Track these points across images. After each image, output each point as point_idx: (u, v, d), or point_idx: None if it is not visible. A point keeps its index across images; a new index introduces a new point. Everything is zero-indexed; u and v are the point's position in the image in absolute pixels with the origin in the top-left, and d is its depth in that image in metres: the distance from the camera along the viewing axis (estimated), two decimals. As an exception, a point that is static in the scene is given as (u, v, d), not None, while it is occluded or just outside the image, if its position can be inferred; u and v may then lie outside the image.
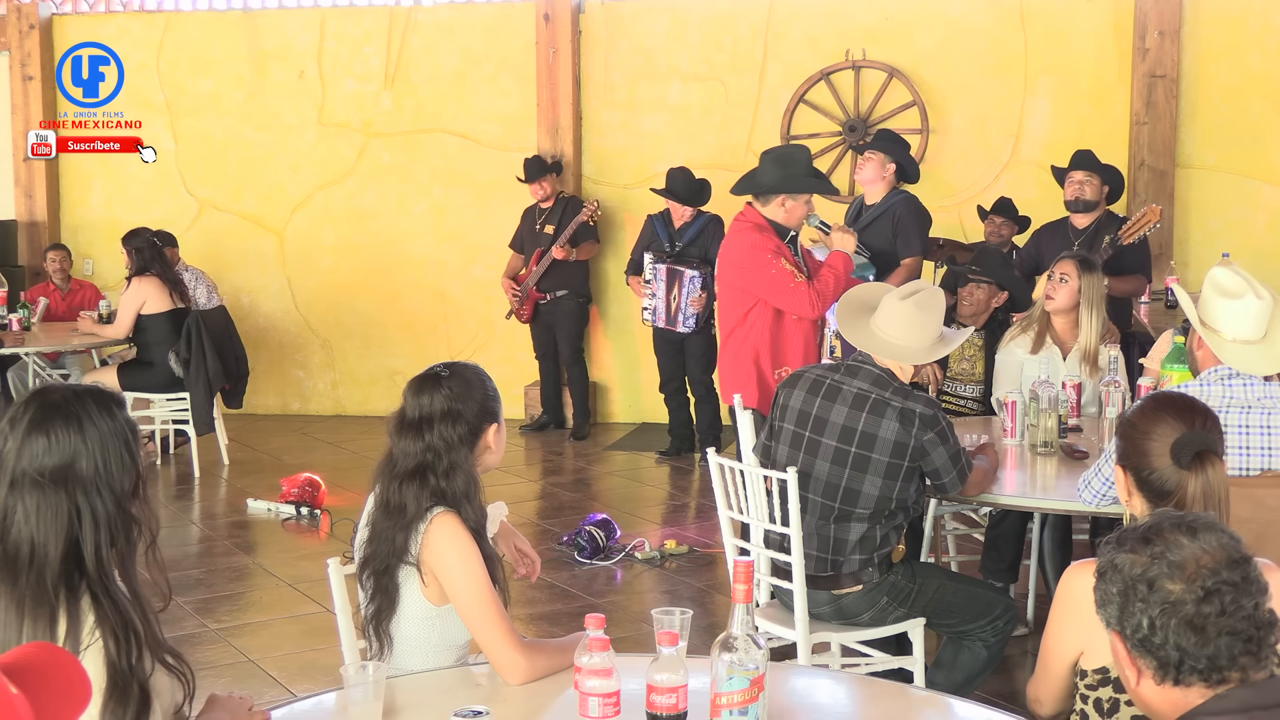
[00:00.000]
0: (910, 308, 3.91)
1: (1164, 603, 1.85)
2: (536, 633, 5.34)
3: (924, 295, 3.95)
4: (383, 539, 2.85)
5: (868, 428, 3.84)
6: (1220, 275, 3.78)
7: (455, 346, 9.58)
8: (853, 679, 3.14)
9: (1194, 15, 8.36)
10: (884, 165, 6.40)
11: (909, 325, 3.91)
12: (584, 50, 9.36)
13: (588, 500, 7.48)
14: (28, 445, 2.19)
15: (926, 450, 3.83)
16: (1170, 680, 1.85)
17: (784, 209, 5.25)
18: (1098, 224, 6.53)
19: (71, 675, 1.56)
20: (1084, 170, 6.58)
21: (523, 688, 2.71)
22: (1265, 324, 3.70)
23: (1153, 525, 1.92)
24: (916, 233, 6.41)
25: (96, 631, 2.14)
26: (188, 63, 9.98)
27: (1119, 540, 1.94)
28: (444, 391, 2.89)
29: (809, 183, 5.34)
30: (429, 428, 2.87)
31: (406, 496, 2.84)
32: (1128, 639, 1.89)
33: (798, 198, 5.25)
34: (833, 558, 3.92)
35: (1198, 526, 1.90)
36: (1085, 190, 6.55)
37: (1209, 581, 1.84)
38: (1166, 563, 1.86)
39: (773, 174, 5.30)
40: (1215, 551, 1.86)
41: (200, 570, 6.25)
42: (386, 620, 2.86)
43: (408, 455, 2.88)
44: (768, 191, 5.27)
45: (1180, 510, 2.53)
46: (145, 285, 7.80)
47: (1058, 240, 6.59)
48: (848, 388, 3.91)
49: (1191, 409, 2.65)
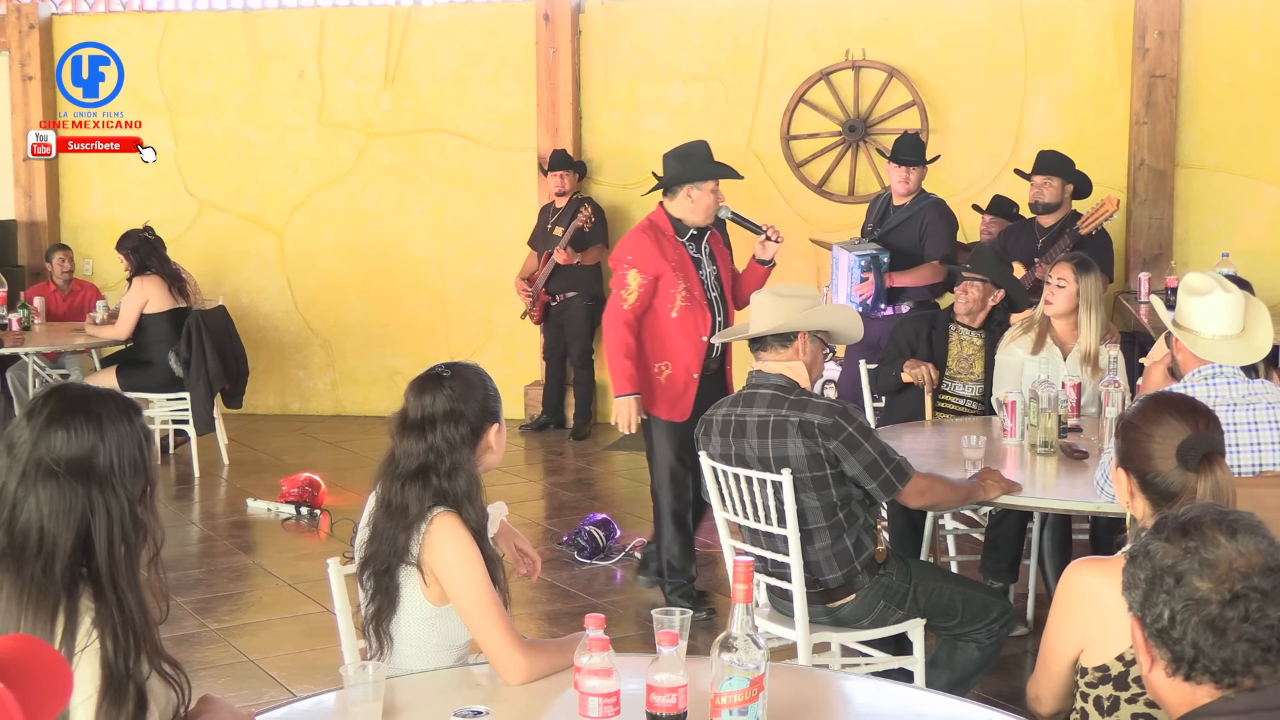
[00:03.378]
0: (767, 295, 3.98)
1: (1188, 599, 1.83)
2: (537, 633, 5.34)
3: (783, 286, 4.12)
4: (384, 539, 2.85)
5: (777, 451, 3.84)
6: (1191, 278, 3.85)
7: (455, 346, 9.57)
8: (853, 679, 3.14)
9: (1194, 15, 8.36)
10: (1063, 187, 6.83)
11: (768, 309, 3.94)
12: (584, 50, 9.36)
13: (588, 500, 7.48)
14: (45, 437, 2.19)
15: (839, 458, 3.80)
16: (1182, 675, 1.84)
17: (690, 200, 5.34)
18: (1062, 223, 6.75)
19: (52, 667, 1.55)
20: (1043, 174, 6.77)
21: (523, 688, 2.71)
22: (1241, 318, 3.74)
23: (1194, 518, 1.89)
24: (944, 236, 6.59)
25: (94, 632, 2.13)
26: (188, 63, 9.98)
27: (1158, 527, 1.92)
28: (446, 392, 2.89)
29: (707, 169, 5.42)
30: (431, 428, 2.87)
31: (408, 497, 2.83)
32: (1147, 627, 1.87)
33: (701, 187, 5.32)
34: (811, 576, 3.91)
35: (1239, 527, 1.86)
36: (1044, 193, 6.81)
37: (1239, 585, 1.81)
38: (1199, 559, 1.84)
39: (673, 167, 5.41)
40: (1251, 555, 1.83)
41: (200, 570, 6.25)
42: (387, 620, 2.86)
43: (410, 456, 2.87)
44: (670, 185, 5.38)
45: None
46: (147, 284, 7.81)
47: (1023, 239, 6.83)
48: (750, 419, 3.91)
49: (1193, 410, 2.64)
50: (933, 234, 6.60)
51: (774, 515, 3.88)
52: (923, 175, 6.77)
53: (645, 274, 5.29)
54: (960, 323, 5.60)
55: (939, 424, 5.32)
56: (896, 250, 6.57)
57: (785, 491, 3.80)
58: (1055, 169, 6.81)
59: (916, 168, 6.70)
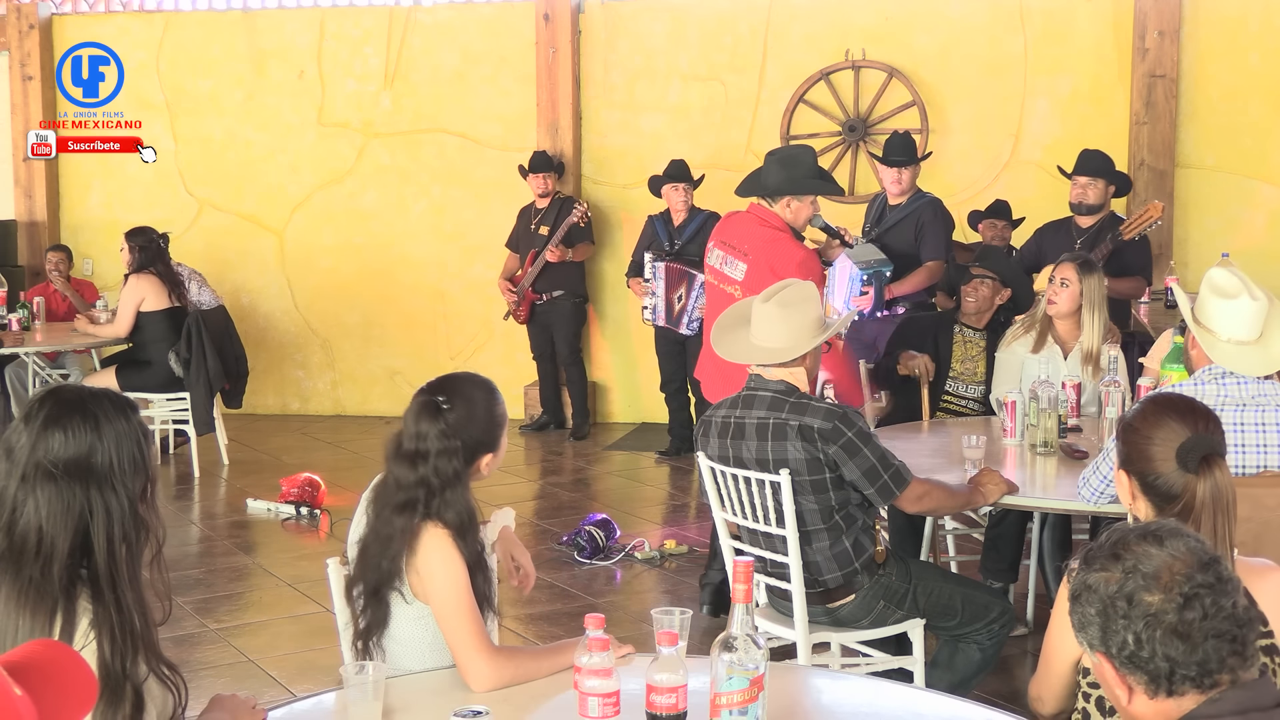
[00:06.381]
0: (774, 307, 3.86)
1: (1146, 615, 1.83)
2: (536, 633, 5.34)
3: (786, 293, 3.90)
4: (370, 566, 2.82)
5: (776, 454, 3.82)
6: (1217, 275, 3.77)
7: (455, 346, 9.57)
8: (853, 679, 3.14)
9: (1194, 15, 8.36)
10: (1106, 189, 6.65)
11: (778, 325, 3.86)
12: (584, 50, 9.36)
13: (587, 500, 7.48)
14: (43, 439, 2.19)
15: (838, 463, 3.78)
16: (1163, 692, 1.84)
17: (790, 210, 5.18)
18: (1101, 224, 6.57)
19: (76, 673, 1.53)
20: (1089, 175, 6.61)
21: (523, 688, 2.70)
22: (1261, 325, 3.69)
23: (1119, 540, 1.89)
24: (940, 236, 6.53)
25: (91, 633, 2.13)
26: (187, 63, 9.98)
27: (1087, 560, 1.92)
28: (441, 426, 2.80)
29: (814, 184, 5.26)
30: (424, 461, 2.80)
31: (396, 528, 2.79)
32: (1114, 658, 1.86)
33: (803, 199, 5.18)
34: (810, 577, 3.91)
35: (1163, 534, 1.88)
36: (1089, 194, 6.60)
37: (1185, 587, 1.82)
38: (1140, 575, 1.84)
39: (778, 175, 5.21)
40: (1185, 556, 1.84)
41: (200, 570, 6.25)
42: (378, 635, 2.84)
43: (400, 486, 2.82)
44: (773, 193, 5.19)
45: (1188, 513, 2.53)
46: (143, 282, 7.80)
47: (1060, 239, 6.63)
48: (749, 421, 3.90)
49: (1193, 411, 2.64)
50: (929, 234, 6.56)
51: (772, 516, 3.88)
52: (916, 174, 6.73)
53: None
54: (964, 323, 5.60)
55: (939, 424, 5.32)
56: (893, 251, 6.53)
57: (784, 492, 3.79)
58: (1100, 170, 6.67)
59: (908, 168, 6.66)
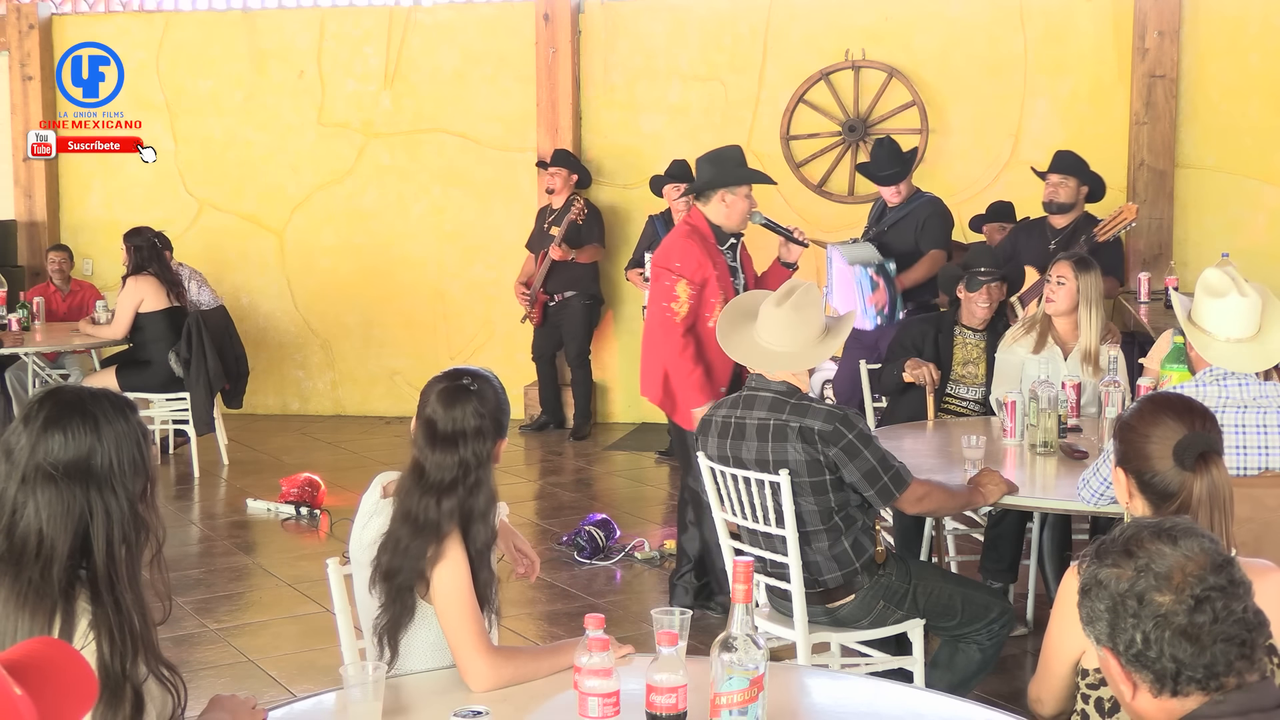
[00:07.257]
0: (788, 311, 3.85)
1: (1156, 615, 1.82)
2: (537, 632, 5.34)
3: (799, 294, 3.88)
4: (409, 554, 2.78)
5: (776, 455, 3.82)
6: (1209, 275, 3.77)
7: (454, 347, 9.57)
8: (852, 679, 3.14)
9: (1194, 15, 8.36)
10: (1078, 188, 6.76)
11: (789, 329, 3.85)
12: (584, 50, 9.36)
13: (588, 500, 7.48)
14: (43, 441, 2.19)
15: (838, 464, 3.78)
16: (1168, 692, 1.84)
17: (725, 205, 5.22)
18: (1075, 225, 6.68)
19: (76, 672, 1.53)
20: (1060, 173, 6.70)
21: (523, 688, 2.71)
22: (1257, 321, 3.68)
23: (1132, 536, 1.89)
24: (940, 230, 6.67)
25: (90, 633, 2.13)
26: (187, 63, 9.98)
27: (1099, 554, 1.91)
28: (474, 405, 2.84)
29: (742, 173, 5.33)
30: (463, 442, 2.82)
31: (440, 512, 2.78)
32: (1121, 655, 1.86)
33: (736, 191, 5.23)
34: (810, 577, 3.91)
35: (1177, 533, 1.87)
36: (1060, 192, 6.71)
37: (1197, 589, 1.82)
38: (1153, 574, 1.84)
39: (707, 172, 5.31)
40: (1199, 557, 1.84)
41: (200, 570, 6.25)
42: (403, 630, 2.82)
43: (441, 468, 2.82)
44: (704, 189, 5.27)
45: (1185, 511, 2.53)
46: (141, 283, 7.80)
47: (1034, 238, 6.77)
48: (749, 421, 3.89)
49: (1190, 410, 2.64)
50: (928, 229, 6.64)
51: (772, 517, 3.88)
52: (910, 177, 6.77)
53: (694, 283, 5.12)
54: (964, 325, 5.60)
55: (939, 424, 5.32)
56: (894, 250, 6.57)
57: (784, 492, 3.79)
58: (1072, 169, 6.74)
59: (902, 180, 6.73)
